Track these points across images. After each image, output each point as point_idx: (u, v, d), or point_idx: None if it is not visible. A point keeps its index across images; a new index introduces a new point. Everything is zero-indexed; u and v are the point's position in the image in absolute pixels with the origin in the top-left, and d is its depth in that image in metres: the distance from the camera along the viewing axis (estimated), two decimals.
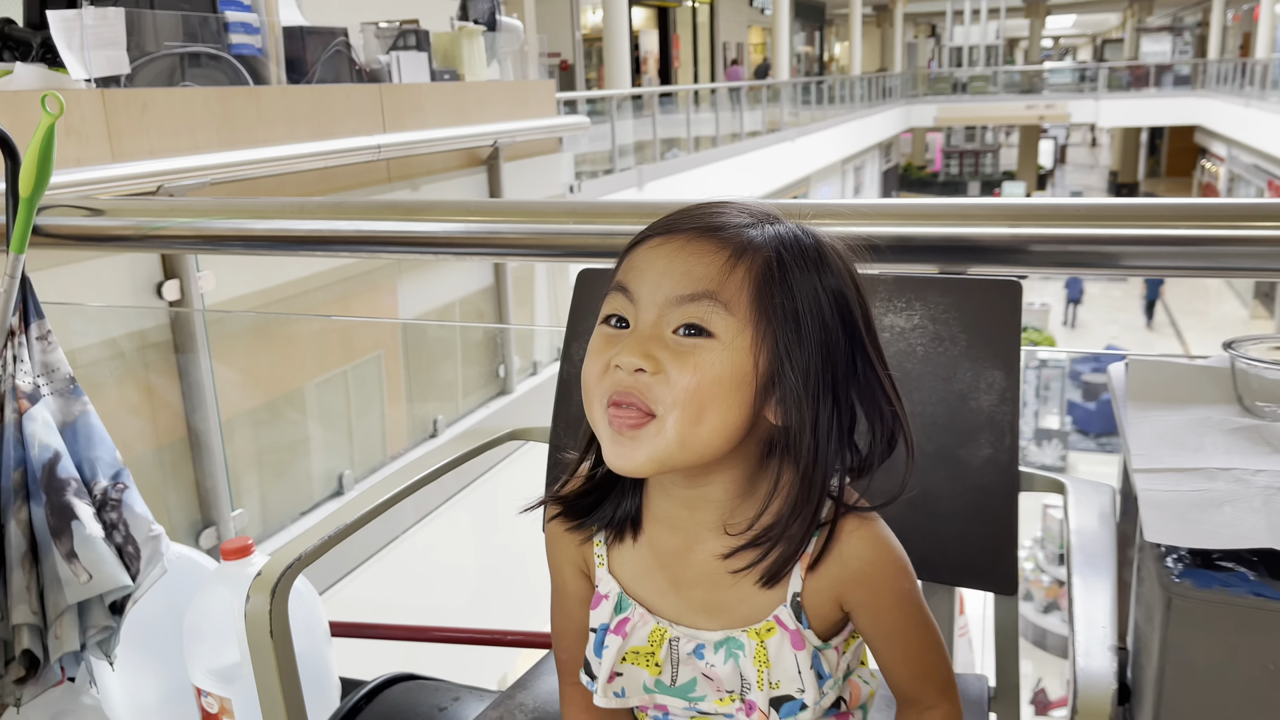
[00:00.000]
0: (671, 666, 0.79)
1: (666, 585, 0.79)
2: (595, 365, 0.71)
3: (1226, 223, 1.09)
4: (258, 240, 1.50)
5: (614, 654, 0.79)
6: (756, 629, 0.76)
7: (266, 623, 0.84)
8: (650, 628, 0.79)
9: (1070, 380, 13.41)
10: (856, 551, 0.76)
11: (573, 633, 0.85)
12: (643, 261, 0.72)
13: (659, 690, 0.79)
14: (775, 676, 0.76)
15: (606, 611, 0.80)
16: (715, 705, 0.79)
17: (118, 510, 1.42)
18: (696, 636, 0.78)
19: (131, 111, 2.45)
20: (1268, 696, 0.78)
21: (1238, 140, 19.03)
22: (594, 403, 0.72)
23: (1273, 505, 0.74)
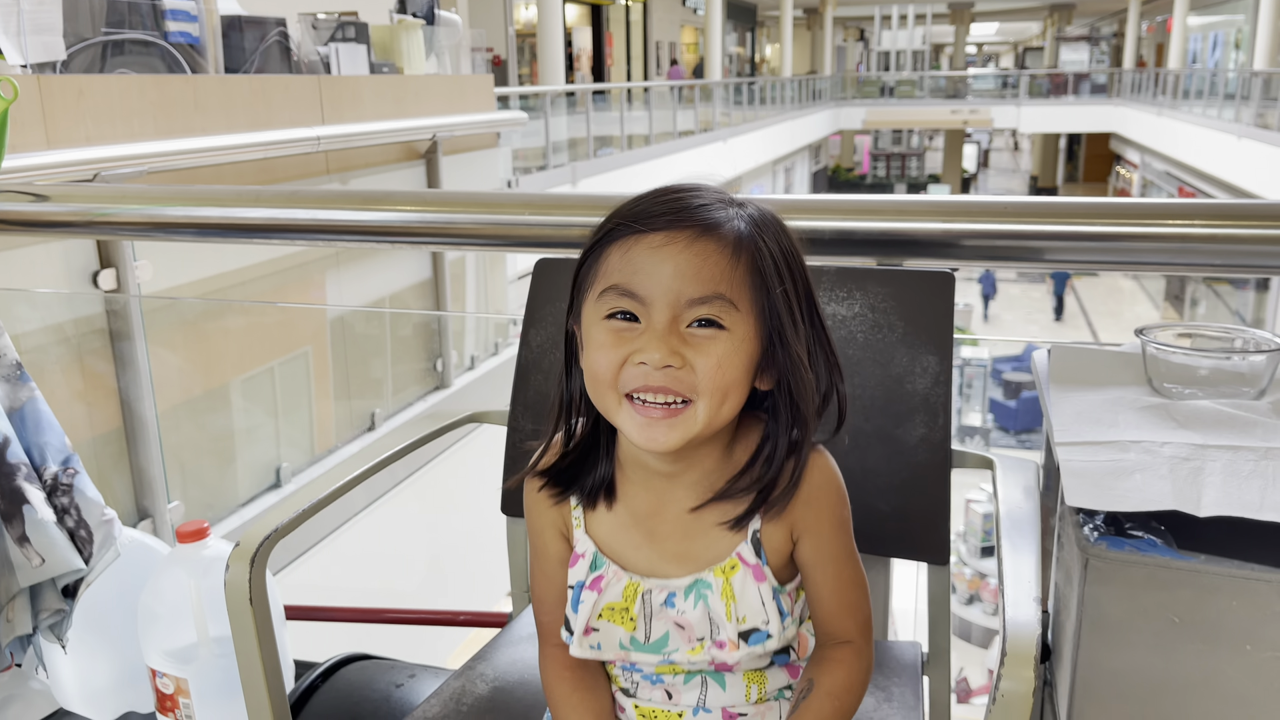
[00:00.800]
0: (645, 621, 0.84)
1: (641, 540, 0.85)
2: (610, 359, 0.76)
3: (1140, 221, 1.18)
4: (211, 228, 1.51)
5: (589, 609, 0.84)
6: (721, 567, 0.83)
7: (246, 591, 0.87)
8: (624, 583, 0.84)
9: (992, 379, 13.79)
10: (808, 476, 0.83)
11: (553, 594, 0.89)
12: (648, 264, 0.75)
13: (634, 648, 0.84)
14: (742, 611, 0.82)
15: (583, 570, 0.85)
16: (688, 655, 0.84)
17: (69, 495, 1.42)
18: (667, 585, 0.83)
19: (67, 98, 2.42)
20: (1173, 646, 0.87)
21: (1150, 147, 19.74)
22: (608, 393, 0.77)
23: (1178, 473, 0.82)
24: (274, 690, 0.91)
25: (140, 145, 2.50)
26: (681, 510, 0.83)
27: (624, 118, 12.01)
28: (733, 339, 0.76)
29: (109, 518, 1.43)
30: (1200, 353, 0.98)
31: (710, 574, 0.83)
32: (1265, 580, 0.82)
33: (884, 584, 1.26)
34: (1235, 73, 15.77)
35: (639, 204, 0.79)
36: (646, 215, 0.77)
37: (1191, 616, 0.85)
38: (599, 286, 0.78)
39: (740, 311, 0.76)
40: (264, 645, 0.89)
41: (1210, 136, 14.79)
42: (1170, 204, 1.17)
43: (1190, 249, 1.16)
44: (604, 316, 0.77)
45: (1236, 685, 0.85)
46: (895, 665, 1.14)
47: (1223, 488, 0.80)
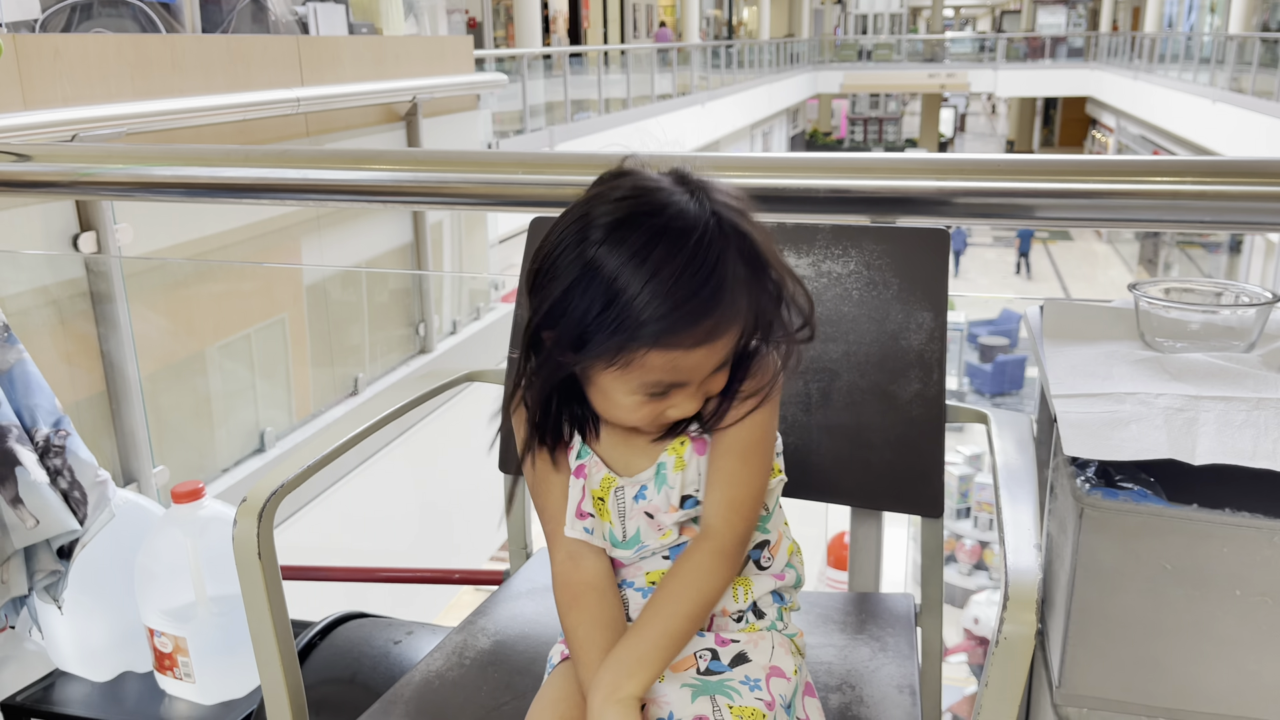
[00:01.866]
0: (620, 519, 0.89)
1: (618, 438, 0.90)
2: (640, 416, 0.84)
3: (1130, 177, 1.20)
4: (199, 188, 1.49)
5: (578, 492, 0.90)
6: (673, 445, 0.88)
7: (255, 546, 0.87)
8: (602, 474, 0.89)
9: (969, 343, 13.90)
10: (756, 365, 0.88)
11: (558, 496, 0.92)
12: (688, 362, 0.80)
13: (613, 544, 0.90)
14: (688, 478, 0.88)
15: (572, 458, 0.91)
16: (659, 541, 0.89)
17: (61, 456, 1.42)
18: (637, 481, 0.89)
19: (44, 58, 2.37)
20: (1165, 592, 0.89)
21: (1126, 111, 19.81)
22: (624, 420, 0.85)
23: (1172, 423, 0.84)
24: (283, 643, 0.92)
25: (119, 106, 2.47)
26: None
27: (601, 81, 11.90)
28: (728, 353, 0.83)
29: (103, 479, 1.43)
30: (1192, 307, 1.00)
31: (666, 454, 0.88)
32: (1254, 527, 0.84)
33: (875, 539, 1.28)
34: (1210, 36, 15.82)
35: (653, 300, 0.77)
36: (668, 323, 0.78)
37: (1183, 563, 0.87)
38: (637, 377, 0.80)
39: (731, 341, 0.82)
40: (273, 599, 0.90)
41: (1185, 100, 14.86)
42: (1161, 161, 1.19)
43: (1180, 205, 1.17)
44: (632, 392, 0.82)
45: (1226, 629, 0.87)
46: (889, 616, 1.16)
47: (1216, 437, 0.82)
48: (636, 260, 0.77)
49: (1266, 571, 0.85)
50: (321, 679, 1.28)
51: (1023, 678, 0.75)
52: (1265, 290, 0.99)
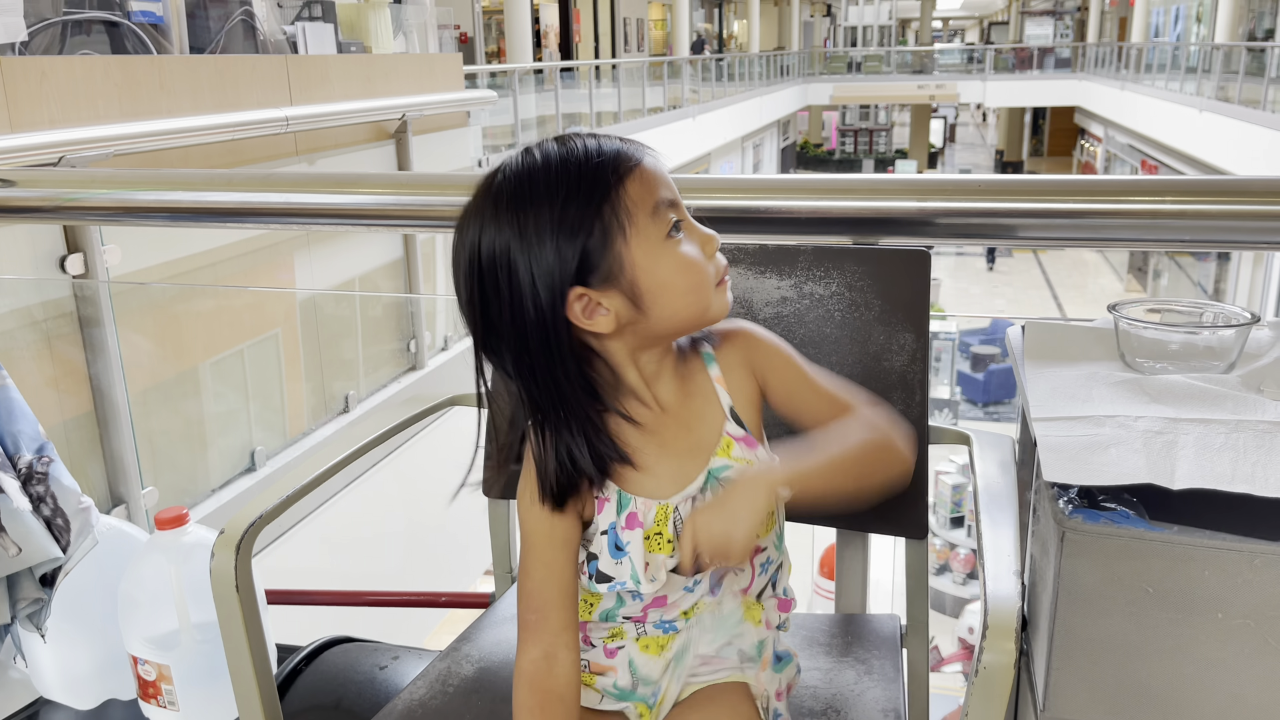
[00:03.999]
0: (679, 538, 0.86)
1: (653, 458, 0.87)
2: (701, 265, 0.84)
3: (1110, 197, 1.20)
4: (183, 212, 1.49)
5: (639, 546, 0.85)
6: (720, 448, 0.88)
7: (233, 579, 0.87)
8: (655, 510, 0.86)
9: (960, 352, 13.91)
10: (740, 337, 0.92)
11: (554, 583, 0.87)
12: (660, 181, 0.84)
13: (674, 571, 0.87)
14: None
15: (611, 511, 0.86)
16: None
17: (44, 483, 1.41)
18: (688, 494, 0.87)
19: (30, 80, 2.37)
20: (1148, 615, 0.89)
21: (1114, 121, 19.91)
22: (709, 291, 0.85)
23: (1151, 447, 0.84)
24: (261, 676, 0.91)
25: (106, 128, 2.46)
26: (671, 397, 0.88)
27: (592, 95, 11.94)
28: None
29: (85, 505, 1.42)
30: (1171, 328, 1.00)
31: (717, 459, 0.88)
32: (1235, 550, 0.84)
33: (862, 561, 1.28)
34: (1197, 46, 15.92)
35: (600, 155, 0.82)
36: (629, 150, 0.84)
37: (1165, 586, 0.87)
38: (643, 215, 0.81)
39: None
40: (251, 632, 0.89)
41: (1172, 110, 14.94)
42: (1140, 181, 1.19)
43: (1159, 225, 1.18)
44: (665, 237, 0.82)
45: (1210, 652, 0.87)
46: (875, 638, 1.16)
47: (1195, 460, 0.82)
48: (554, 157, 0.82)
49: (1249, 594, 0.85)
50: (306, 705, 1.28)
51: (1003, 706, 0.75)
52: (1244, 311, 0.99)
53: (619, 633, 0.92)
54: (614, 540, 0.86)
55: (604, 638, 0.93)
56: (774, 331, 1.20)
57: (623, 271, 0.80)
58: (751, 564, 0.92)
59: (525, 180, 0.81)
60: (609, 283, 0.81)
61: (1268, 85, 11.75)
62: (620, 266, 0.80)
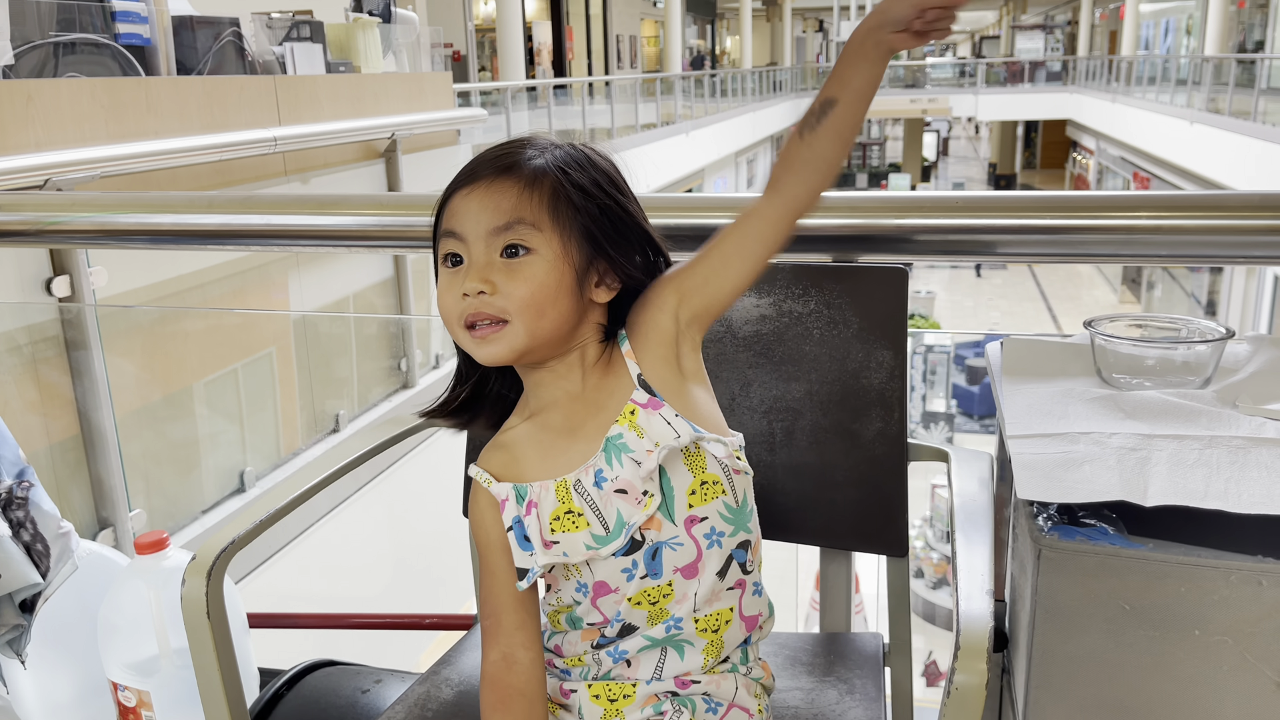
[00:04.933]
0: (593, 512, 0.88)
1: (567, 442, 0.90)
2: (449, 298, 0.88)
3: (1088, 213, 1.20)
4: (164, 235, 1.49)
5: (536, 527, 0.88)
6: (620, 417, 0.89)
7: (204, 606, 0.86)
8: (552, 489, 0.89)
9: (955, 365, 13.92)
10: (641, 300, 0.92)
11: (498, 590, 0.91)
12: (460, 208, 0.88)
13: (599, 544, 0.87)
14: (654, 439, 0.87)
15: (512, 507, 0.90)
16: (643, 513, 0.87)
17: (24, 508, 1.40)
18: (588, 466, 0.88)
19: (15, 103, 2.37)
20: (1126, 632, 0.88)
21: (1105, 134, 19.98)
22: (454, 327, 0.89)
23: (1125, 463, 0.84)
24: (234, 704, 0.90)
25: (92, 150, 2.46)
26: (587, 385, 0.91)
27: (585, 111, 11.97)
28: (542, 260, 0.86)
29: (65, 530, 1.41)
30: (1146, 343, 1.00)
31: (614, 428, 0.89)
32: (1210, 566, 0.84)
33: (845, 579, 1.27)
34: (1187, 59, 16.01)
35: (462, 170, 0.90)
36: (465, 172, 0.90)
37: (1141, 603, 0.87)
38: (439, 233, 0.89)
39: (544, 234, 0.86)
40: (223, 659, 0.89)
41: (1163, 122, 15.00)
42: (1117, 196, 1.20)
43: (1137, 240, 1.18)
44: (442, 263, 0.89)
45: (1186, 669, 0.87)
46: (857, 657, 1.15)
47: (1168, 477, 0.82)
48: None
49: (1225, 610, 0.85)
50: None
51: None
52: (1219, 326, 0.99)
53: (578, 661, 0.92)
54: (520, 533, 0.89)
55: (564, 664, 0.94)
56: (753, 350, 1.20)
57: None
58: (691, 535, 0.89)
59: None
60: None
61: (1258, 97, 11.81)
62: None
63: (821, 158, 0.90)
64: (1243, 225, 1.16)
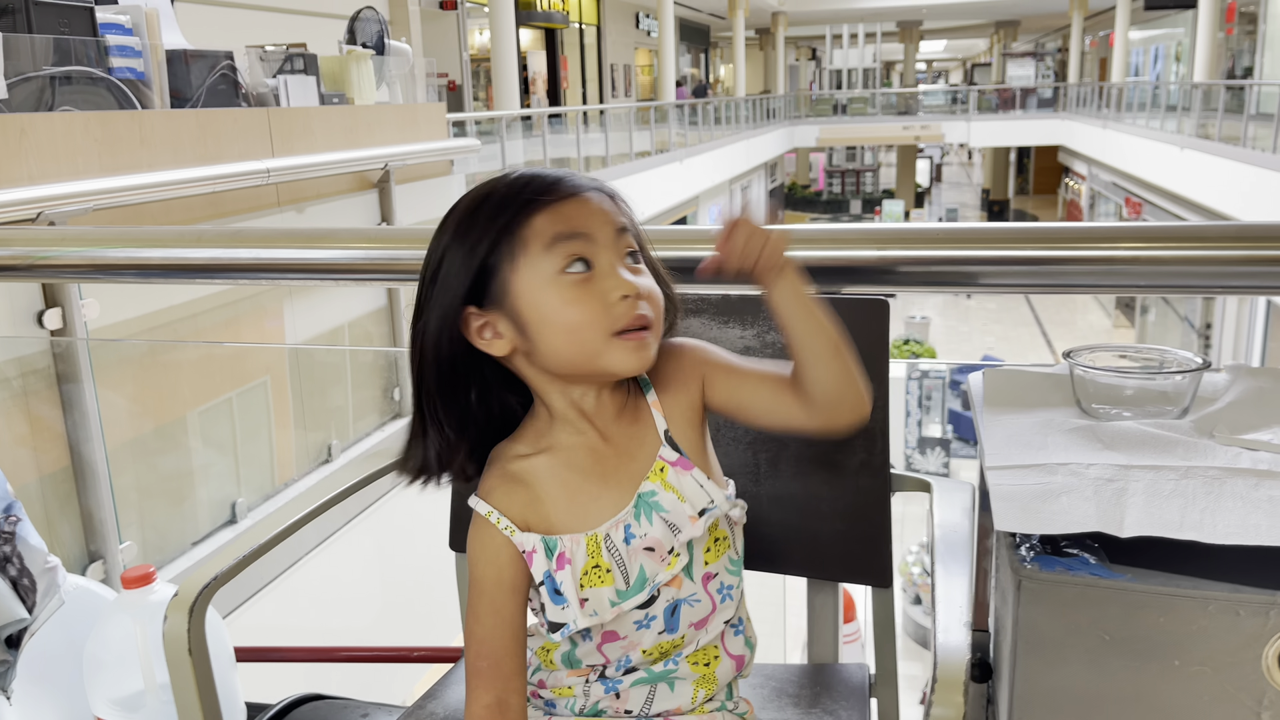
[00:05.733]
0: (619, 567, 0.87)
1: (595, 489, 0.88)
2: (592, 306, 0.83)
3: (1065, 244, 1.22)
4: (153, 269, 1.50)
5: (572, 583, 0.86)
6: (651, 473, 0.88)
7: (185, 643, 0.87)
8: (583, 544, 0.87)
9: (951, 390, 13.93)
10: (674, 356, 0.93)
11: (502, 631, 0.87)
12: (580, 210, 0.84)
13: (621, 599, 0.87)
14: (692, 503, 0.88)
15: (541, 560, 0.87)
16: (667, 572, 0.87)
17: (11, 543, 1.40)
18: (618, 520, 0.87)
19: (9, 137, 2.39)
20: (1106, 663, 0.89)
21: (1097, 159, 20.13)
22: (598, 336, 0.84)
23: (1101, 494, 0.84)
24: None
25: (84, 183, 2.48)
26: (614, 428, 0.90)
27: (580, 140, 12.05)
28: (644, 267, 0.88)
29: (52, 565, 1.41)
30: (1124, 374, 1.01)
31: (646, 484, 0.88)
32: (1188, 596, 0.84)
33: (833, 610, 1.27)
34: (1176, 85, 16.15)
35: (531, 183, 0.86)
36: (550, 187, 0.85)
37: (1121, 633, 0.87)
38: (538, 245, 0.83)
39: (638, 244, 0.88)
40: (204, 695, 0.89)
41: (1154, 148, 15.12)
42: (1094, 228, 1.21)
43: (1116, 271, 1.19)
44: (559, 271, 0.83)
45: (1167, 699, 0.87)
46: (843, 688, 1.15)
47: (1144, 508, 0.82)
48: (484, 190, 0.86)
49: (1204, 641, 0.85)
50: None
51: None
52: (1195, 357, 1.00)
53: (566, 691, 0.92)
54: (552, 587, 0.87)
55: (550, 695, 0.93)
56: None
57: (507, 296, 0.84)
58: (708, 591, 0.90)
59: (462, 201, 0.87)
60: (496, 305, 0.84)
61: (1247, 122, 11.91)
62: (505, 291, 0.84)
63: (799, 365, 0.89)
64: (1216, 256, 1.18)
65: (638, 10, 21.91)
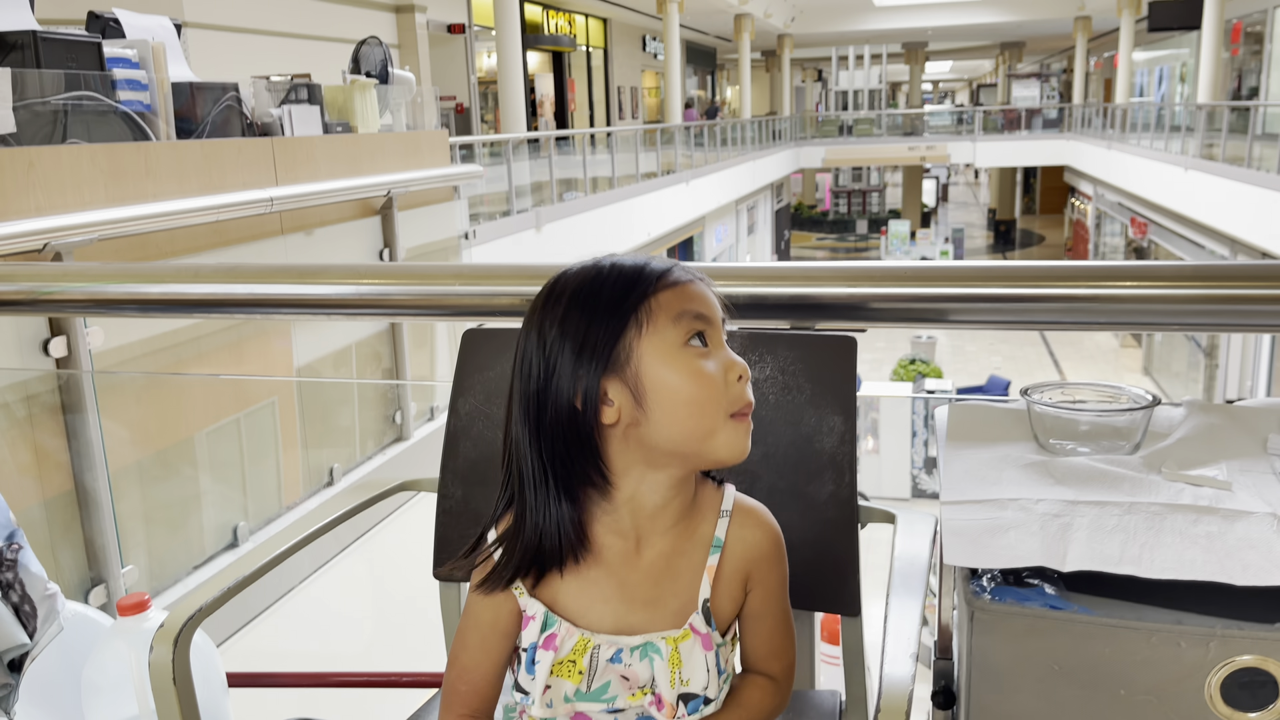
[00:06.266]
0: (590, 674, 0.88)
1: (611, 591, 0.89)
2: (715, 384, 0.85)
3: (1031, 283, 1.26)
4: (152, 304, 1.55)
5: (545, 668, 0.88)
6: (674, 636, 0.88)
7: (170, 672, 0.90)
8: (575, 639, 0.88)
9: None
10: (761, 533, 0.94)
11: (485, 666, 0.91)
12: (699, 292, 0.88)
13: (578, 699, 0.89)
14: (686, 675, 0.88)
15: (534, 630, 0.89)
16: (628, 701, 0.89)
17: (13, 570, 1.44)
18: (617, 643, 0.88)
19: (17, 170, 2.45)
20: (1056, 691, 0.92)
21: (1102, 179, 20.16)
22: (718, 412, 0.85)
23: (1047, 529, 0.88)
24: None
25: (90, 214, 2.53)
26: (656, 552, 0.89)
27: (587, 161, 12.13)
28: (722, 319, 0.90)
29: (52, 592, 1.45)
30: (1074, 409, 1.05)
31: (662, 641, 0.88)
32: (1132, 628, 0.88)
33: (809, 638, 1.31)
34: (1181, 106, 16.19)
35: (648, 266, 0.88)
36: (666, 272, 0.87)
37: (1070, 663, 0.91)
38: (665, 317, 0.85)
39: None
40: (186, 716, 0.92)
41: (1158, 168, 15.15)
42: (1058, 266, 1.25)
43: (1077, 308, 1.23)
44: (683, 345, 0.85)
45: None
46: (814, 714, 1.18)
47: (1087, 543, 0.86)
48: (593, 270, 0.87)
49: (1148, 671, 0.89)
50: None
51: None
52: (1146, 393, 1.04)
53: None
54: (530, 657, 0.89)
55: None
56: None
57: (629, 362, 0.84)
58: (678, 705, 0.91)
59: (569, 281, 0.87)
60: (614, 370, 0.84)
61: (1252, 142, 11.94)
62: (628, 356, 0.84)
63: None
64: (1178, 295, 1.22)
65: (644, 33, 22.07)
